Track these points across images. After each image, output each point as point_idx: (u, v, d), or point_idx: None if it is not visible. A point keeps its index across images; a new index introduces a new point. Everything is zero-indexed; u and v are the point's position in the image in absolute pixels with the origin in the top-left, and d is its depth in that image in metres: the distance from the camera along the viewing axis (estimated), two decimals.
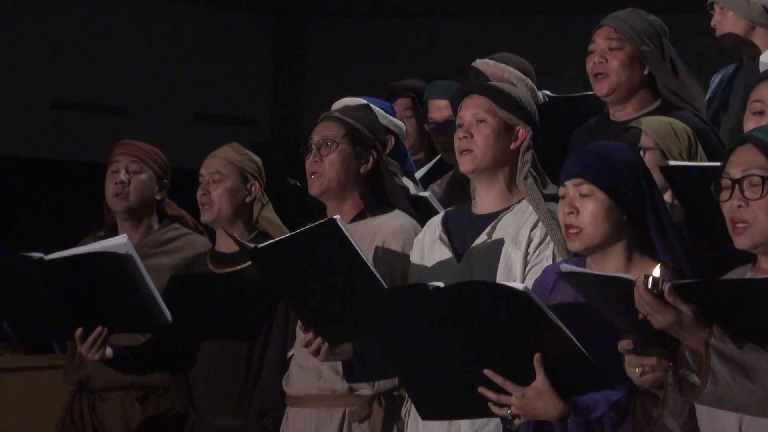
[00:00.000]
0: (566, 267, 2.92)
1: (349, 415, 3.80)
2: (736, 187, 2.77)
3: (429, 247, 3.66)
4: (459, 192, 3.91)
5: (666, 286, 2.62)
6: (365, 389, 3.80)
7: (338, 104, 4.26)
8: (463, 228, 3.61)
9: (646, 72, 4.07)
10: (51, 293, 3.94)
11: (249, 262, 3.98)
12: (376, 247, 3.79)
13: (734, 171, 2.79)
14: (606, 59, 4.05)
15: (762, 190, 2.74)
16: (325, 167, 3.86)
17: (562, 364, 2.95)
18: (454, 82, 4.29)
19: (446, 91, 4.14)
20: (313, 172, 3.88)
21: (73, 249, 3.98)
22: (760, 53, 4.58)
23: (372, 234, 3.82)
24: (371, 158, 3.90)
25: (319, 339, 3.63)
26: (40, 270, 3.92)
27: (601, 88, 4.08)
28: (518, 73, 4.52)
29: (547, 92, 4.67)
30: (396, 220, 3.85)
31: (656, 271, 2.66)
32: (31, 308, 4.04)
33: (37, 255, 3.92)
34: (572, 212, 3.11)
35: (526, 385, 2.97)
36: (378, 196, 3.91)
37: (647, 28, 4.09)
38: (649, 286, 2.64)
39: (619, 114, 4.10)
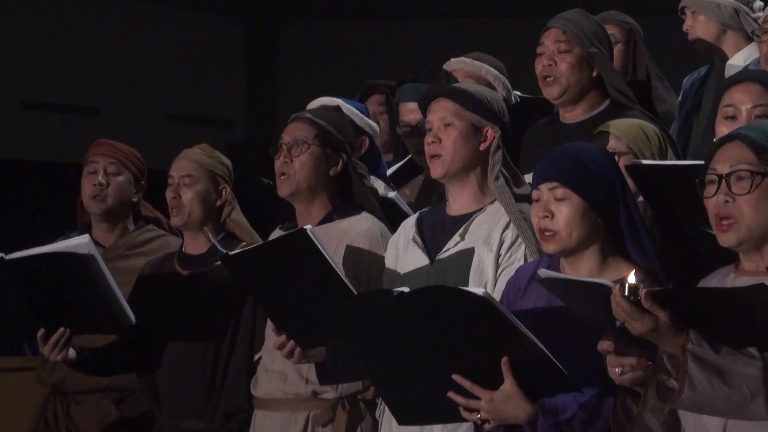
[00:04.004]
0: (544, 272, 2.91)
1: (312, 419, 3.80)
2: (723, 182, 2.77)
3: (403, 248, 3.66)
4: (432, 195, 3.91)
5: (642, 293, 2.63)
6: (329, 392, 3.80)
7: (314, 104, 4.26)
8: (436, 229, 3.61)
9: (594, 73, 4.08)
10: (12, 293, 3.89)
11: (216, 264, 3.98)
12: (346, 248, 3.78)
13: (721, 166, 2.79)
14: (555, 62, 4.05)
15: (751, 184, 2.74)
16: (295, 168, 3.85)
17: (529, 367, 2.96)
18: (423, 84, 4.29)
19: (416, 93, 4.13)
20: (282, 173, 3.87)
21: (34, 249, 3.92)
22: (732, 55, 4.61)
23: (339, 237, 3.81)
24: (341, 161, 3.89)
25: (291, 342, 3.63)
26: (0, 270, 3.87)
27: (551, 92, 4.08)
28: (495, 71, 4.53)
29: (518, 93, 4.68)
30: (363, 222, 3.84)
31: (632, 278, 2.66)
32: None
33: None
34: (547, 216, 3.10)
35: (496, 389, 2.98)
36: (345, 198, 3.91)
37: (595, 29, 4.10)
38: (626, 293, 2.64)
39: (569, 115, 4.11)
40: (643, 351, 2.74)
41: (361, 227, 3.82)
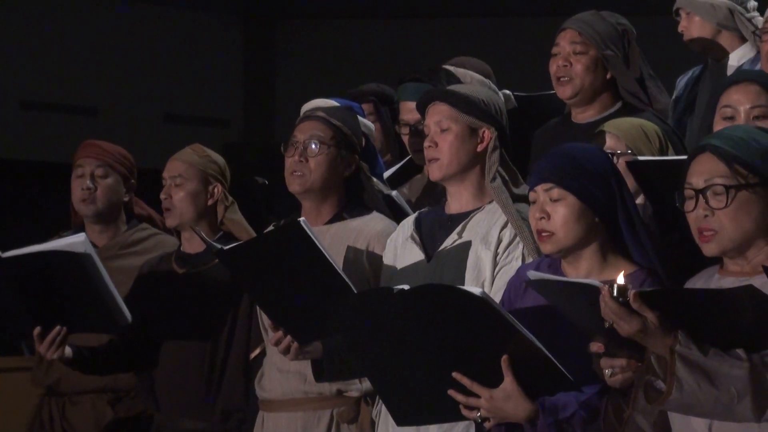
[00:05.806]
0: (533, 274, 2.92)
1: (337, 416, 3.79)
2: (700, 197, 2.79)
3: (401, 246, 3.66)
4: (434, 195, 3.91)
5: (631, 294, 2.64)
6: (353, 391, 3.78)
7: (309, 105, 4.22)
8: (434, 228, 3.62)
9: (608, 76, 4.09)
10: (8, 291, 3.89)
11: (213, 263, 3.98)
12: (360, 250, 3.77)
13: (696, 181, 2.81)
14: (570, 63, 4.08)
15: (726, 198, 2.76)
16: (310, 168, 3.82)
17: (529, 365, 2.96)
18: (424, 83, 4.29)
19: (417, 92, 4.13)
20: (295, 171, 3.84)
21: (30, 247, 3.91)
22: (726, 55, 4.62)
23: (353, 236, 3.80)
24: (354, 163, 3.88)
25: (288, 337, 3.62)
26: None
27: (564, 92, 4.10)
28: (479, 76, 4.52)
29: (506, 91, 4.66)
30: (378, 223, 3.83)
31: (620, 279, 2.67)
32: None
33: None
34: (543, 217, 3.11)
35: (496, 387, 2.98)
36: (355, 198, 3.90)
37: (610, 31, 4.11)
38: (614, 293, 2.65)
39: (581, 116, 4.13)
40: (633, 352, 2.74)
41: (376, 227, 3.81)
